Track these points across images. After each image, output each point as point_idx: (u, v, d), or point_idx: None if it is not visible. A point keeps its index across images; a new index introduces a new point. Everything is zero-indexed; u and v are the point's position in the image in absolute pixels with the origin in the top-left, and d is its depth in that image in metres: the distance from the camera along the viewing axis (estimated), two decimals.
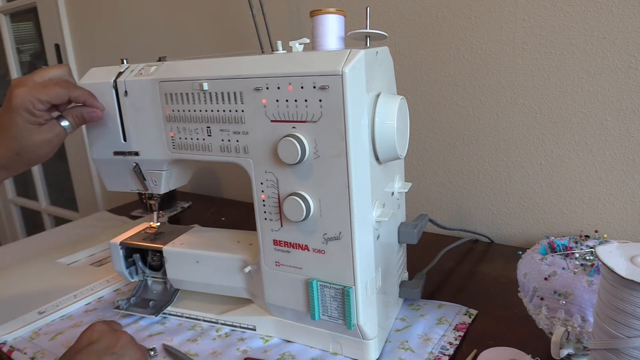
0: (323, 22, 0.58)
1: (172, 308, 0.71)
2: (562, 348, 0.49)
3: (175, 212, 1.18)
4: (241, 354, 0.62)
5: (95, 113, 0.63)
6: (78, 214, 1.92)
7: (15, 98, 0.57)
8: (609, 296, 0.40)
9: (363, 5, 0.94)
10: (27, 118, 0.57)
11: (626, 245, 0.43)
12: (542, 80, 0.80)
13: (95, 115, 0.63)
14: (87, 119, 0.63)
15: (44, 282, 0.82)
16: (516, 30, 0.80)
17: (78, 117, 0.62)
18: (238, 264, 0.65)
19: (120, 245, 0.72)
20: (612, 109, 0.75)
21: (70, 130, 0.62)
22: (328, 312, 0.58)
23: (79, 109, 0.62)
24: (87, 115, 0.62)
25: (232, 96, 0.56)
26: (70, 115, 0.62)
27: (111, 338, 0.53)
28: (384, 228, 0.59)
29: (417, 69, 0.92)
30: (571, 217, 0.83)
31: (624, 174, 0.76)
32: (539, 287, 0.52)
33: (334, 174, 0.52)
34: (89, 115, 0.63)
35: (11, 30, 1.99)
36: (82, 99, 0.62)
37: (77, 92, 0.61)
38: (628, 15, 0.70)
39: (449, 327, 0.63)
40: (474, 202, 0.92)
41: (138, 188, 0.70)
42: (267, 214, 0.58)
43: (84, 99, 0.62)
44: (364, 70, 0.51)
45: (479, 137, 0.89)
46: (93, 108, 0.63)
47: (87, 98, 0.62)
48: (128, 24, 1.45)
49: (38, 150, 0.59)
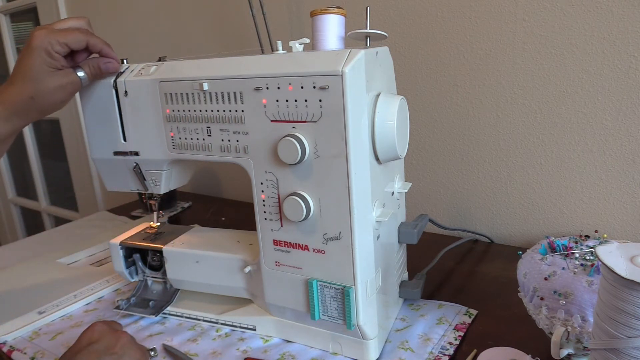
0: (323, 22, 0.58)
1: (172, 308, 0.71)
2: (562, 348, 0.49)
3: (175, 212, 1.18)
4: (241, 354, 0.62)
5: (112, 64, 0.63)
6: (78, 214, 1.92)
7: (35, 39, 0.57)
8: (609, 296, 0.40)
9: (363, 5, 0.94)
10: (45, 59, 0.58)
11: (626, 245, 0.43)
12: (542, 80, 0.80)
13: (112, 67, 0.63)
14: (104, 70, 0.63)
15: (44, 282, 0.82)
16: (516, 30, 0.80)
17: (95, 67, 0.62)
18: (238, 264, 0.65)
19: (120, 245, 0.72)
20: (612, 109, 0.75)
21: (85, 81, 0.62)
22: (328, 312, 0.58)
23: (96, 59, 0.63)
24: (104, 66, 0.63)
25: (232, 96, 0.56)
26: (87, 65, 0.62)
27: (111, 338, 0.53)
28: (384, 228, 0.59)
29: (417, 69, 0.92)
30: (571, 217, 0.83)
31: (624, 174, 0.76)
32: (539, 287, 0.52)
33: (334, 174, 0.52)
34: (105, 66, 0.63)
35: (11, 30, 1.99)
36: (99, 47, 0.62)
37: (95, 39, 0.61)
38: (628, 15, 0.70)
39: (449, 327, 0.63)
40: (474, 202, 0.92)
41: (138, 188, 0.70)
42: (267, 214, 0.58)
43: (100, 47, 0.62)
44: (364, 70, 0.51)
45: (479, 137, 0.89)
46: (109, 59, 0.63)
47: (104, 47, 0.63)
48: (128, 24, 1.45)
49: (52, 95, 0.60)
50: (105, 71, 0.63)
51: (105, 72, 0.64)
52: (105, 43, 0.63)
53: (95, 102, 0.66)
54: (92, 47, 0.62)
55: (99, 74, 0.63)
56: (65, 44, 0.58)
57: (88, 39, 0.61)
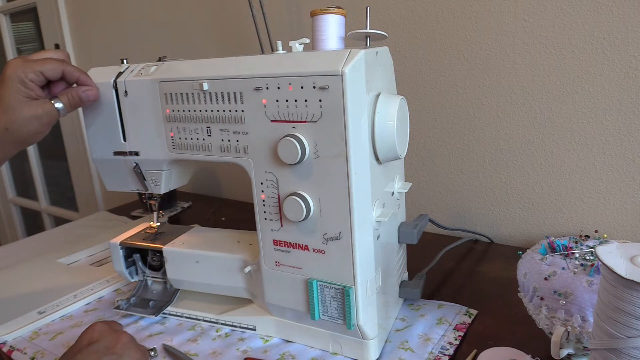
0: (323, 22, 0.58)
1: (172, 308, 0.71)
2: (562, 348, 0.49)
3: (175, 212, 1.18)
4: (241, 354, 0.62)
5: (92, 91, 0.62)
6: (78, 214, 1.92)
7: (9, 68, 0.57)
8: (609, 296, 0.40)
9: (363, 5, 0.94)
10: (19, 89, 0.57)
11: (626, 245, 0.43)
12: (542, 80, 0.80)
13: (92, 94, 0.62)
14: (84, 98, 0.61)
15: (44, 282, 0.82)
16: (516, 30, 0.80)
17: (74, 96, 0.61)
18: (238, 264, 0.65)
19: (120, 245, 0.72)
20: (612, 109, 0.75)
21: (63, 112, 0.60)
22: (328, 312, 0.58)
23: (75, 88, 0.61)
24: (84, 95, 0.61)
25: (232, 96, 0.56)
26: (64, 96, 0.61)
27: (111, 338, 0.53)
28: (384, 228, 0.59)
29: (417, 69, 0.92)
30: (571, 217, 0.83)
31: (624, 174, 0.76)
32: (539, 287, 0.52)
33: (334, 174, 0.52)
34: (85, 94, 0.61)
35: (11, 30, 1.99)
36: (75, 75, 0.61)
37: (71, 68, 0.60)
38: (628, 15, 0.70)
39: (449, 327, 0.63)
40: (474, 202, 0.92)
41: (138, 188, 0.70)
42: (267, 214, 0.58)
43: (77, 75, 0.61)
44: (364, 70, 0.51)
45: (479, 137, 0.89)
46: (88, 86, 0.62)
47: (81, 75, 0.61)
48: (128, 24, 1.45)
49: (27, 126, 0.58)
50: (86, 100, 0.62)
51: (86, 101, 0.62)
52: (82, 72, 0.61)
53: (95, 102, 0.66)
54: (68, 75, 0.60)
55: (79, 103, 0.62)
56: (40, 72, 0.57)
57: (64, 68, 0.59)
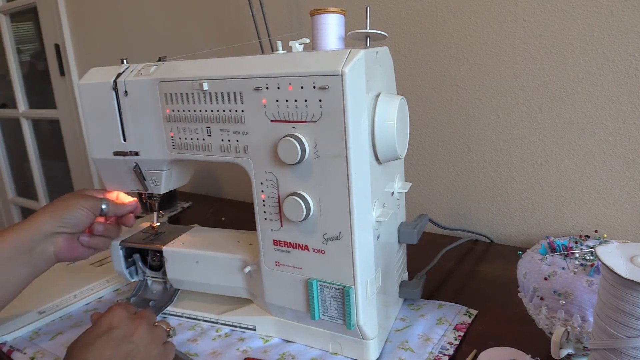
0: (323, 21, 0.58)
1: (172, 308, 0.71)
2: (562, 348, 0.49)
3: (175, 212, 1.18)
4: (241, 354, 0.62)
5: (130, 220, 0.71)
6: None
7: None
8: (609, 296, 0.40)
9: (363, 5, 0.94)
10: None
11: (626, 245, 0.43)
12: (542, 80, 0.80)
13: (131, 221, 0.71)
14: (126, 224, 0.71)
15: (44, 282, 0.82)
16: (516, 30, 0.80)
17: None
18: (238, 264, 0.65)
19: (120, 245, 0.72)
20: (612, 109, 0.75)
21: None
22: (328, 312, 0.58)
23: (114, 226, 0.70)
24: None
25: (232, 96, 0.56)
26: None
27: (130, 325, 0.52)
28: (384, 228, 0.59)
29: (417, 69, 0.92)
30: (571, 217, 0.83)
31: (624, 174, 0.76)
32: (539, 287, 0.52)
33: (334, 174, 0.52)
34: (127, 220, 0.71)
35: (11, 30, 1.99)
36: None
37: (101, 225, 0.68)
38: (628, 15, 0.70)
39: (449, 327, 0.63)
40: (474, 202, 0.92)
41: (138, 188, 0.70)
42: (267, 214, 0.58)
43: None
44: (364, 70, 0.51)
45: (479, 137, 0.89)
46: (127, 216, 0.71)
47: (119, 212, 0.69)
48: (128, 24, 1.45)
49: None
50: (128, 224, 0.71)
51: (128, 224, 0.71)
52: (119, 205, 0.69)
53: (95, 102, 0.66)
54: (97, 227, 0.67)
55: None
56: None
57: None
